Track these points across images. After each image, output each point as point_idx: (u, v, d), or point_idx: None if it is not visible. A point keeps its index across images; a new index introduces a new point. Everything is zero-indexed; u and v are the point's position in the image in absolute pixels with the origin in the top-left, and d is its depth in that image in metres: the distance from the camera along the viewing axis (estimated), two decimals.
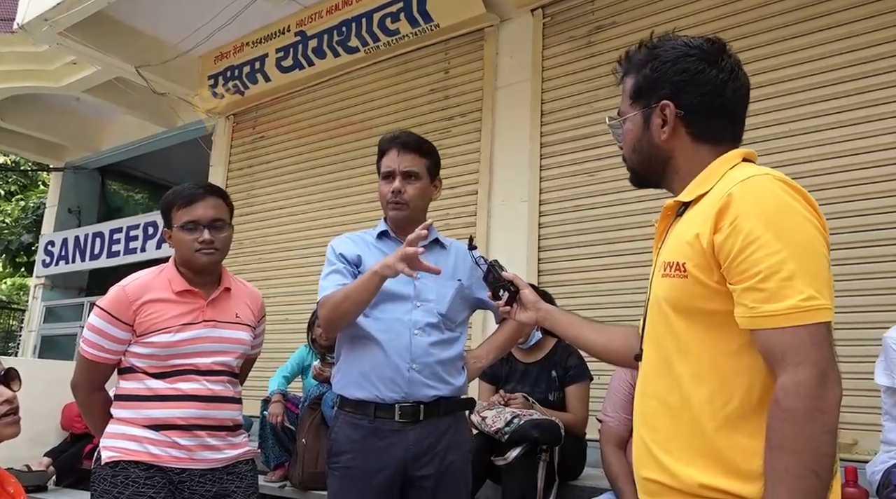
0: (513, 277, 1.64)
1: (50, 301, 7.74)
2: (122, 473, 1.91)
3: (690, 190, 1.17)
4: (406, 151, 2.06)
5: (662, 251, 1.18)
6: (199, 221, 2.04)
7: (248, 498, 2.05)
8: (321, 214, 5.25)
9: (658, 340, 1.15)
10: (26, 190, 14.73)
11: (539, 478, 2.55)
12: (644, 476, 1.13)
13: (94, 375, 2.04)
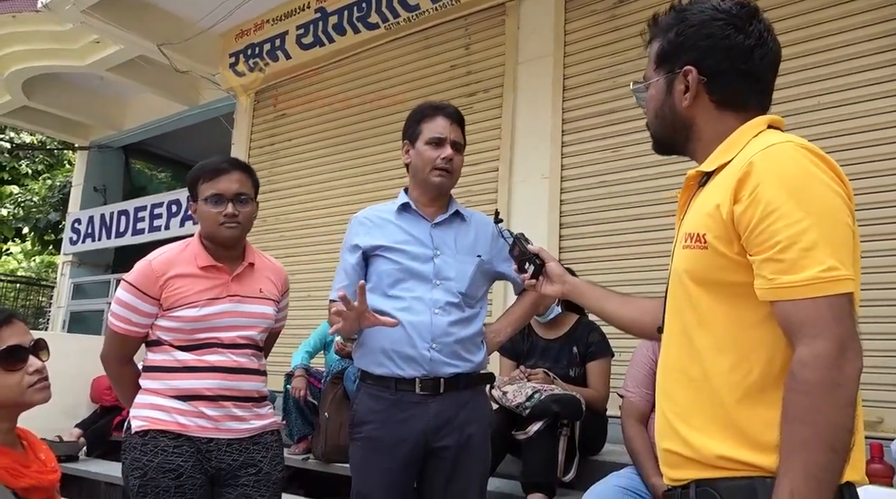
0: (539, 249, 1.64)
1: (77, 278, 7.88)
2: (152, 441, 1.96)
3: (713, 159, 1.15)
4: (455, 123, 2.10)
5: (684, 223, 1.17)
6: (224, 194, 2.06)
7: (274, 468, 2.10)
8: (343, 191, 5.27)
9: (679, 313, 1.14)
10: (52, 169, 14.96)
11: (560, 452, 2.57)
12: (665, 447, 1.13)
13: (122, 347, 2.09)
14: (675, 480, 1.11)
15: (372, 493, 1.99)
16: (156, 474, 1.93)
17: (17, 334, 1.43)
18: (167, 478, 1.93)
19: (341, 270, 2.12)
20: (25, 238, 14.29)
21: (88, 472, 4.10)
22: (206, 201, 2.07)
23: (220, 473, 2.01)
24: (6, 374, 1.40)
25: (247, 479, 2.03)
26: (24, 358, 1.43)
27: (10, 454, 1.39)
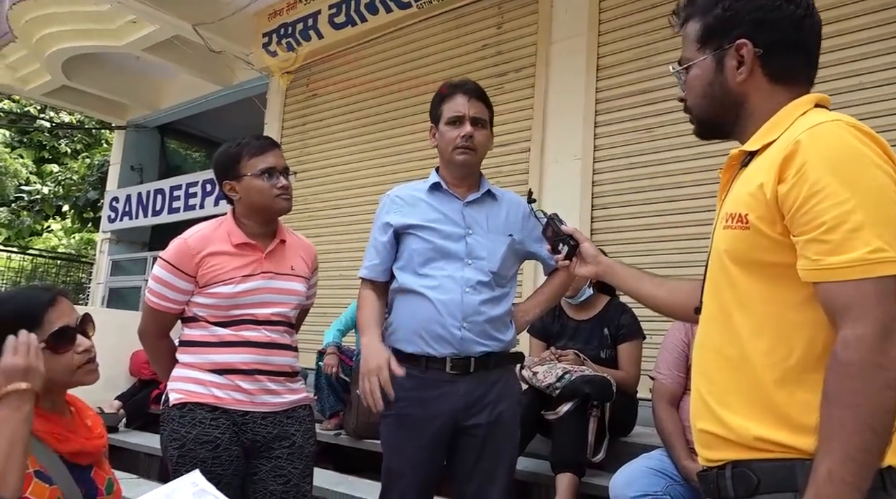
0: (573, 230, 1.64)
1: (116, 255, 8.06)
2: (189, 414, 2.01)
3: (757, 138, 1.12)
4: (475, 99, 2.07)
5: (726, 202, 1.15)
6: (276, 167, 2.10)
7: (307, 441, 2.14)
8: (373, 171, 5.29)
9: (718, 293, 1.13)
10: (91, 148, 15.27)
11: (590, 433, 2.58)
12: (700, 428, 1.12)
13: (159, 323, 2.14)
14: (710, 460, 1.11)
15: (401, 469, 2.02)
16: (194, 445, 1.98)
17: (65, 315, 1.44)
18: (205, 449, 1.98)
19: (371, 248, 2.13)
20: (65, 216, 14.66)
21: (128, 443, 4.23)
22: (258, 176, 2.08)
23: (254, 445, 2.06)
24: (55, 357, 1.40)
25: (280, 451, 2.08)
26: (73, 338, 1.43)
27: (58, 421, 1.43)
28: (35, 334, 1.37)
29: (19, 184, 14.45)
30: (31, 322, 1.39)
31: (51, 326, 1.41)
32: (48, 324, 1.41)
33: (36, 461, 1.34)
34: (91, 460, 1.47)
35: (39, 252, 13.31)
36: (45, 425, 1.39)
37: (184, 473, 1.93)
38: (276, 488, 2.05)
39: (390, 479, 2.05)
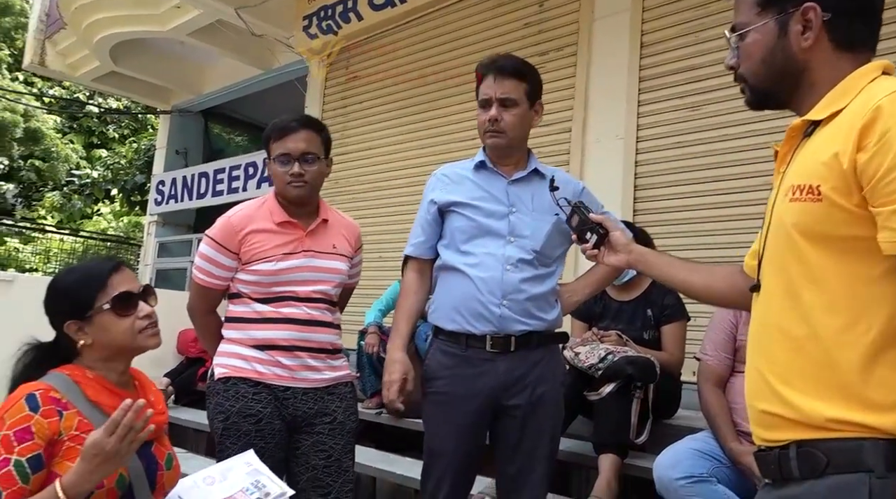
0: (602, 218, 1.56)
1: (162, 237, 8.26)
2: (233, 388, 2.06)
3: (822, 107, 1.07)
4: (503, 77, 2.01)
5: (788, 174, 1.09)
6: (291, 153, 2.10)
7: (348, 418, 2.17)
8: (414, 153, 5.29)
9: (782, 269, 1.08)
10: (137, 133, 15.64)
11: (633, 414, 2.55)
12: (761, 409, 1.08)
13: (205, 299, 2.19)
14: (769, 440, 1.08)
15: (442, 447, 2.03)
16: (237, 418, 2.03)
17: (127, 281, 1.48)
18: (248, 422, 2.02)
19: (417, 226, 2.14)
20: (114, 199, 15.08)
21: (177, 418, 4.36)
22: (275, 161, 2.12)
23: (296, 420, 2.10)
24: (119, 319, 1.45)
25: (322, 427, 2.11)
26: (135, 304, 1.47)
27: (123, 395, 1.45)
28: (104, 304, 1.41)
29: (70, 168, 14.91)
30: (96, 285, 1.44)
31: (114, 290, 1.46)
32: (112, 288, 1.46)
33: None
34: (152, 436, 1.49)
35: (90, 234, 13.73)
36: (111, 399, 1.42)
37: (228, 445, 1.99)
38: (318, 462, 2.09)
39: (431, 456, 2.07)
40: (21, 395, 1.35)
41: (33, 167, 14.72)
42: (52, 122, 14.71)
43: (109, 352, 1.46)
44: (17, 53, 13.81)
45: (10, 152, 13.85)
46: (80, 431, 1.35)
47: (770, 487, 1.08)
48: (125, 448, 1.28)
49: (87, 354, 1.46)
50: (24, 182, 15.45)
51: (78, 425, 1.36)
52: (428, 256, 2.13)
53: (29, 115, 13.57)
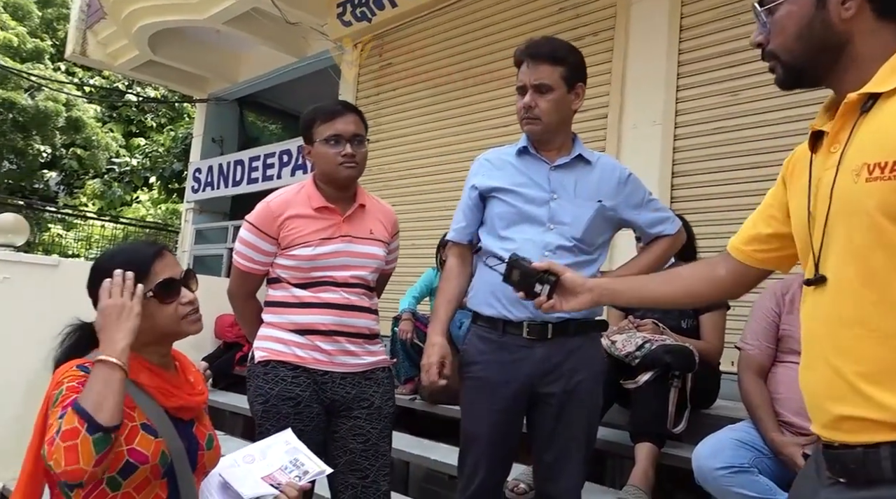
0: (546, 264, 1.45)
1: (199, 224, 8.41)
2: (273, 371, 2.09)
3: (883, 78, 0.99)
4: (537, 62, 1.98)
5: (851, 153, 1.00)
6: (342, 134, 2.10)
7: (385, 403, 2.18)
8: (448, 140, 5.28)
9: (860, 258, 0.98)
10: (174, 122, 15.89)
11: (670, 403, 2.52)
12: (838, 413, 0.99)
13: (245, 283, 2.22)
14: (848, 443, 1.00)
15: (478, 432, 2.03)
16: (277, 401, 2.05)
17: (169, 267, 1.48)
18: (287, 405, 2.05)
19: (459, 211, 2.14)
20: (152, 187, 15.38)
21: (215, 401, 4.43)
22: (324, 142, 2.11)
23: (334, 404, 2.12)
24: (162, 306, 1.45)
25: (359, 412, 2.13)
26: (177, 290, 1.48)
27: (163, 376, 1.48)
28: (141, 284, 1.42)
29: (110, 157, 15.23)
30: (139, 272, 1.44)
31: (157, 277, 1.46)
32: (154, 275, 1.46)
33: (143, 414, 1.39)
34: (193, 416, 1.52)
35: (130, 221, 14.03)
36: (152, 379, 1.44)
37: (268, 426, 2.02)
38: (356, 446, 2.11)
39: (467, 440, 2.08)
40: (70, 365, 1.38)
41: (75, 156, 15.07)
42: (92, 111, 15.02)
43: (151, 337, 1.47)
44: (58, 44, 14.12)
45: (52, 141, 14.19)
46: (125, 407, 1.35)
47: (843, 486, 1.01)
48: (128, 300, 1.38)
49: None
50: (66, 170, 15.85)
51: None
52: (468, 242, 2.13)
53: (70, 105, 13.88)
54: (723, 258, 1.35)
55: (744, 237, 1.31)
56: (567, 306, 1.44)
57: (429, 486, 3.46)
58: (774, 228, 1.25)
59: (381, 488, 2.14)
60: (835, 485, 1.02)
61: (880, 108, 0.99)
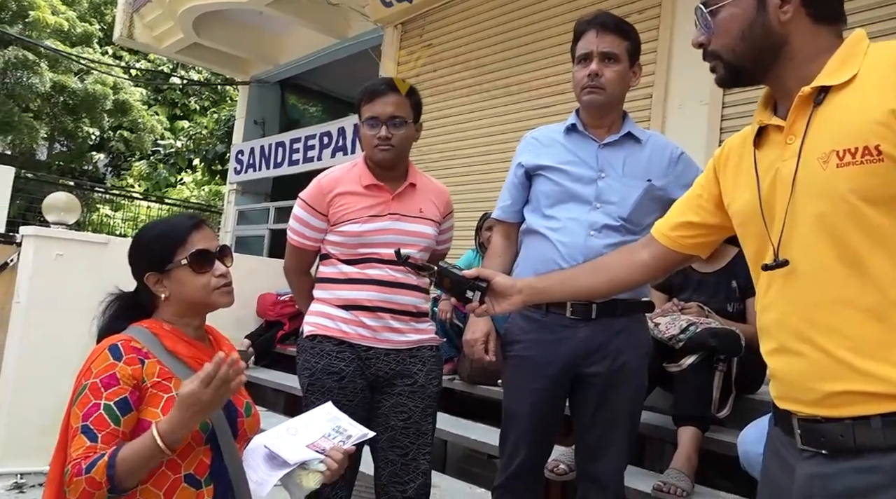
0: (476, 271, 1.47)
1: (241, 205, 8.54)
2: (318, 345, 2.13)
3: (832, 73, 1.06)
4: (605, 32, 1.95)
5: (813, 142, 1.06)
6: (379, 117, 2.11)
7: (430, 381, 2.19)
8: (489, 121, 5.23)
9: (838, 239, 1.03)
10: (217, 104, 16.14)
11: (715, 388, 2.47)
12: (828, 390, 1.03)
13: (298, 259, 2.27)
14: (841, 416, 1.04)
15: (520, 410, 2.03)
16: (322, 375, 2.09)
17: (206, 239, 1.52)
18: (331, 380, 2.08)
19: (505, 189, 2.13)
20: (196, 169, 15.67)
21: (258, 378, 4.54)
22: (364, 124, 2.14)
23: (378, 380, 2.14)
24: (195, 275, 1.49)
25: (402, 388, 2.14)
26: (211, 262, 1.51)
27: (199, 346, 1.52)
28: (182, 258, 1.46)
29: (155, 139, 15.54)
30: (177, 241, 1.49)
31: (193, 246, 1.50)
32: (191, 244, 1.50)
33: (180, 384, 1.39)
34: None
35: (175, 202, 14.33)
36: (190, 350, 1.48)
37: (312, 400, 2.05)
38: (397, 423, 2.13)
39: (509, 419, 2.08)
40: (104, 346, 1.41)
41: (122, 138, 15.42)
42: (138, 94, 15.32)
43: (185, 307, 1.51)
44: (106, 28, 14.42)
45: (100, 124, 14.55)
46: (161, 378, 1.41)
47: (824, 458, 1.04)
48: (218, 398, 1.33)
49: (165, 309, 1.52)
50: (114, 152, 16.25)
51: (159, 373, 1.42)
52: (514, 220, 2.12)
53: (118, 88, 14.18)
54: (645, 244, 1.44)
55: (671, 224, 1.39)
56: (499, 309, 1.48)
57: (466, 466, 3.48)
58: (702, 217, 1.34)
59: (420, 466, 2.15)
60: (813, 457, 1.06)
61: (833, 99, 1.06)
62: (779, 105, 1.16)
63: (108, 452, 1.29)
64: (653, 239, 1.42)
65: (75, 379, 1.41)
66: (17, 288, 4.26)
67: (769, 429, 1.21)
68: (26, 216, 10.54)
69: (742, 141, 1.25)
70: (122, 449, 1.30)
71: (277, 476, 1.43)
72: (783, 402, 1.12)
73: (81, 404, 1.34)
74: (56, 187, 10.53)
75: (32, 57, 12.60)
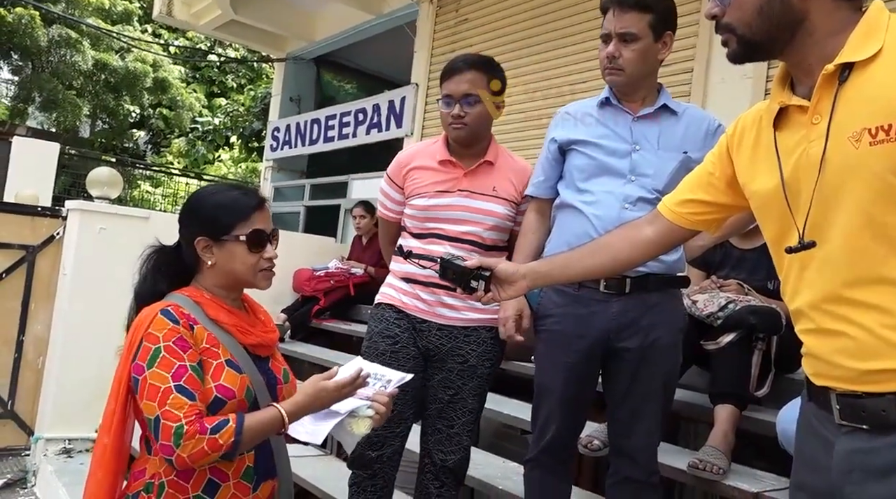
0: (478, 262, 1.50)
1: (277, 182, 8.63)
2: (380, 312, 2.24)
3: (855, 48, 1.03)
4: (623, 10, 1.90)
5: (841, 121, 1.02)
6: (452, 95, 2.15)
7: (482, 363, 2.21)
8: (525, 97, 5.17)
9: (872, 219, 1.01)
10: (254, 82, 16.28)
11: (753, 366, 2.43)
12: (871, 369, 1.02)
13: (385, 230, 2.42)
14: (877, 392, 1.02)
15: (552, 384, 2.03)
16: (378, 338, 2.19)
17: (265, 220, 1.53)
18: (385, 343, 2.17)
19: (538, 165, 2.12)
20: (233, 146, 15.88)
21: (294, 352, 4.61)
22: (441, 102, 2.18)
23: (429, 352, 2.20)
24: (248, 253, 1.49)
25: (452, 366, 2.19)
26: (264, 244, 1.52)
27: (239, 315, 1.54)
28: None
29: (194, 116, 15.77)
30: (241, 214, 1.49)
31: (252, 225, 1.50)
32: (252, 222, 1.50)
33: (227, 351, 1.46)
34: (268, 352, 1.59)
35: (213, 179, 14.57)
36: (231, 318, 1.50)
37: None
38: (444, 397, 2.20)
39: (540, 393, 2.08)
40: (154, 311, 1.42)
41: (161, 115, 15.70)
42: (177, 72, 15.55)
43: (227, 280, 1.52)
44: (146, 6, 14.61)
45: (140, 101, 14.82)
46: (210, 345, 1.44)
47: (866, 433, 1.03)
48: (338, 399, 1.46)
49: (206, 276, 1.52)
50: (154, 129, 16.55)
51: (207, 339, 1.44)
52: (548, 196, 2.11)
53: (157, 66, 14.41)
54: (649, 220, 1.43)
55: (679, 200, 1.38)
56: (505, 295, 1.50)
57: (500, 441, 3.50)
58: (713, 195, 1.33)
59: (462, 441, 2.22)
60: (853, 433, 1.05)
61: (860, 75, 1.03)
62: (796, 83, 1.13)
63: (233, 418, 1.35)
64: (659, 215, 1.40)
65: (128, 342, 1.43)
66: (62, 261, 4.40)
67: (801, 405, 1.20)
68: (70, 192, 10.84)
69: (756, 119, 1.22)
70: (247, 419, 1.36)
71: (329, 426, 1.47)
72: (820, 379, 1.11)
73: (165, 366, 1.35)
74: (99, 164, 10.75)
75: (75, 35, 12.86)
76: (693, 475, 2.24)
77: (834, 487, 1.07)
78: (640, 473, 1.99)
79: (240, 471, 1.45)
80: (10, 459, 4.35)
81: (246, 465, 1.46)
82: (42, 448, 4.10)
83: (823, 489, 1.09)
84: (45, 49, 12.85)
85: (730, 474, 2.25)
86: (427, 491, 2.25)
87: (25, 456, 4.29)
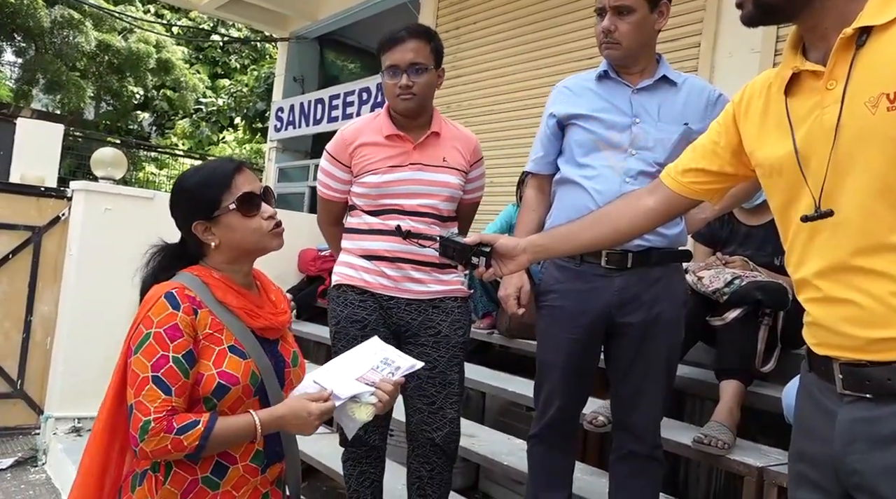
0: (477, 237, 1.49)
1: (281, 163, 8.60)
2: (343, 294, 2.17)
3: (874, 13, 1.00)
4: None
5: (858, 86, 1.00)
6: (398, 65, 2.07)
7: (454, 331, 2.19)
8: (529, 75, 5.12)
9: (888, 187, 0.99)
10: (257, 62, 16.18)
11: (760, 341, 2.42)
12: (877, 337, 1.01)
13: (327, 211, 2.31)
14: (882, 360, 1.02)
15: (554, 360, 2.03)
16: (346, 323, 2.14)
17: (249, 182, 1.47)
18: (354, 328, 2.13)
19: (537, 140, 2.10)
20: (237, 127, 15.82)
21: (300, 332, 4.63)
22: (384, 73, 2.11)
23: (401, 329, 2.17)
24: (245, 219, 1.44)
25: (426, 339, 2.17)
26: (258, 204, 1.47)
27: (248, 296, 1.49)
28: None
29: (197, 97, 15.71)
30: (221, 186, 1.44)
31: (238, 190, 1.45)
32: (236, 188, 1.45)
33: (231, 336, 1.41)
34: (277, 335, 1.54)
35: None
36: (238, 300, 1.45)
37: (340, 347, 2.09)
38: (422, 372, 2.13)
39: (542, 369, 2.08)
40: (159, 294, 1.38)
41: (165, 97, 15.64)
42: (180, 53, 15.46)
43: (236, 253, 1.48)
44: None
45: (144, 82, 14.76)
46: (213, 330, 1.40)
47: (869, 402, 1.03)
48: (318, 425, 1.41)
49: (214, 256, 1.48)
50: (158, 111, 16.50)
51: (211, 324, 1.40)
52: (547, 172, 2.09)
53: (160, 47, 14.32)
54: (650, 190, 1.41)
55: (682, 169, 1.36)
56: (506, 270, 1.50)
57: (505, 418, 3.52)
58: (718, 165, 1.30)
59: (447, 415, 2.19)
60: (856, 402, 1.04)
61: (878, 40, 1.00)
62: (809, 48, 1.10)
63: (203, 421, 1.32)
64: (661, 184, 1.38)
65: (130, 325, 1.40)
66: (68, 241, 4.41)
67: (801, 376, 1.20)
68: (76, 174, 10.84)
69: (764, 86, 1.19)
70: (217, 424, 1.33)
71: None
72: (822, 348, 1.10)
73: (148, 354, 1.33)
74: (103, 145, 10.76)
75: (77, 15, 12.77)
76: (698, 450, 2.25)
77: (835, 456, 1.06)
78: (644, 447, 1.99)
79: (249, 454, 1.44)
80: (20, 437, 4.39)
81: (255, 448, 1.44)
82: (52, 427, 4.14)
83: (824, 459, 1.09)
84: (47, 30, 12.77)
85: (735, 449, 2.26)
86: (419, 475, 2.22)
87: (35, 435, 4.33)
